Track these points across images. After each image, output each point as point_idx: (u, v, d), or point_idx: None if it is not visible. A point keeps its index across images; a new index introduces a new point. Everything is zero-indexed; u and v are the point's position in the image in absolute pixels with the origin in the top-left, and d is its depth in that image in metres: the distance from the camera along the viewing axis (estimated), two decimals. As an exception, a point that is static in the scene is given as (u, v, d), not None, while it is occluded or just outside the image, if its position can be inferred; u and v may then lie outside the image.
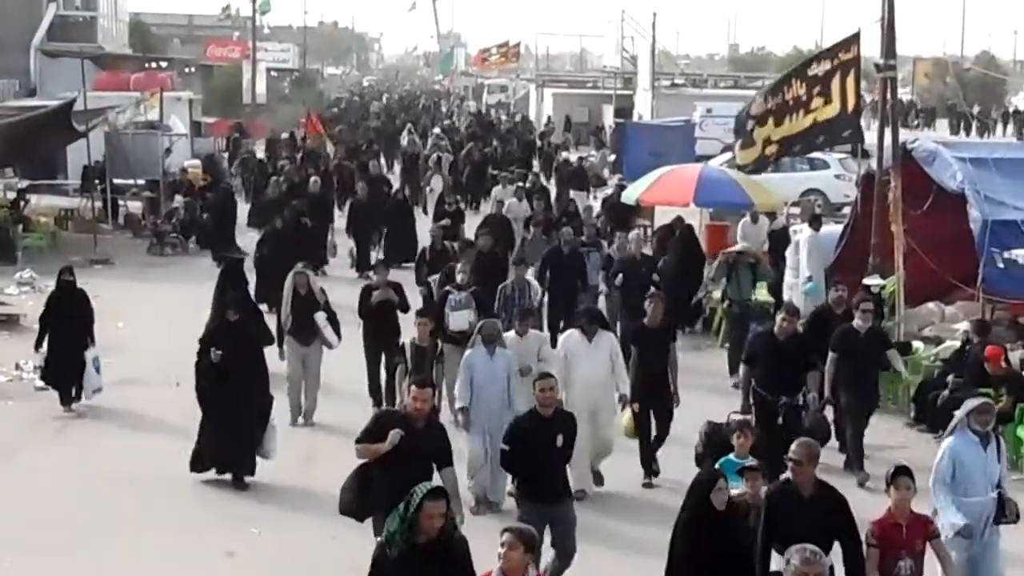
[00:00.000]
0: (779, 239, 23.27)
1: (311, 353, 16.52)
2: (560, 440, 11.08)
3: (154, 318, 22.58)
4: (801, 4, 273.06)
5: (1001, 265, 17.25)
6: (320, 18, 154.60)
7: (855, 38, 19.37)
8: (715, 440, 12.14)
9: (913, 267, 18.29)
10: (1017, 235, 17.20)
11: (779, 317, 14.17)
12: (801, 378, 13.87)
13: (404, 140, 45.27)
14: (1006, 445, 15.10)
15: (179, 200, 31.03)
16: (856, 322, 14.86)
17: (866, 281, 18.11)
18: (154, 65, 50.59)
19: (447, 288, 16.92)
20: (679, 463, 13.26)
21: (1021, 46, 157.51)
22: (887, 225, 18.42)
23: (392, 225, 27.22)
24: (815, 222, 22.40)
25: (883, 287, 18.71)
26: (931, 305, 19.52)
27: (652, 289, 16.80)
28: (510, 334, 14.27)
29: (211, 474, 14.14)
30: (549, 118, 62.26)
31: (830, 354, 14.56)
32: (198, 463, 14.04)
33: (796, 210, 27.37)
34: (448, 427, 11.28)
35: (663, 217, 25.53)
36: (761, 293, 20.78)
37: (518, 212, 27.08)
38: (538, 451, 10.95)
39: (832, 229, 22.76)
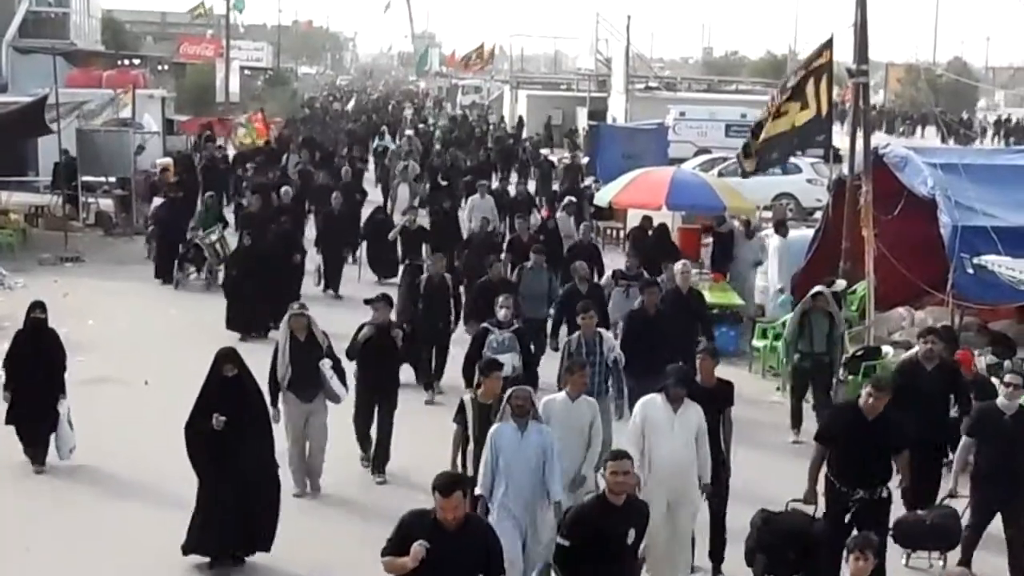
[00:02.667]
0: (725, 242, 23.35)
1: (315, 412, 13.61)
2: (631, 536, 9.26)
3: (124, 316, 22.52)
4: (775, 9, 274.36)
5: (970, 271, 17.31)
6: (295, 17, 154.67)
7: (828, 43, 19.44)
8: (768, 535, 10.96)
9: (883, 272, 18.38)
10: (987, 241, 17.27)
11: (865, 391, 11.22)
12: (883, 468, 11.25)
13: (375, 143, 44.65)
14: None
15: (158, 203, 29.20)
16: (1001, 400, 12.19)
17: (818, 287, 16.78)
18: (127, 62, 50.47)
19: (485, 325, 14.48)
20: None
21: (993, 53, 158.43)
22: (858, 230, 18.50)
23: (374, 242, 25.18)
24: (781, 228, 22.51)
25: (847, 290, 18.78)
26: (901, 310, 19.61)
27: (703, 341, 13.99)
28: (559, 395, 11.76)
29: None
30: (520, 118, 62.34)
31: (964, 439, 12.25)
32: (194, 545, 11.83)
33: (768, 214, 27.48)
34: None
35: (635, 220, 25.56)
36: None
37: (485, 210, 26.33)
38: (604, 548, 9.10)
39: (803, 234, 22.88)
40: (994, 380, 14.47)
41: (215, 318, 21.15)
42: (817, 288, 16.67)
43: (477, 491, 10.63)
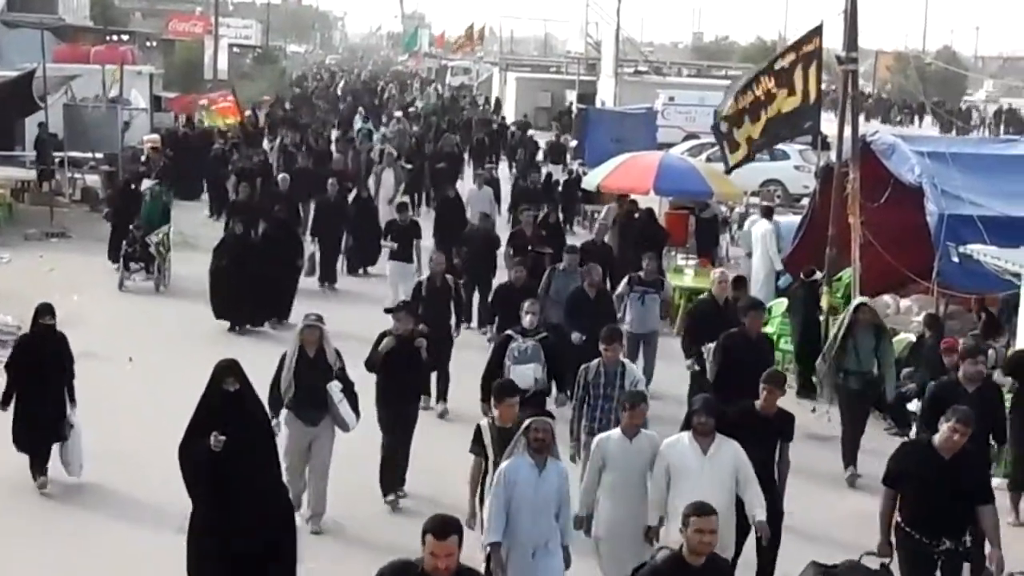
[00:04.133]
0: (708, 227, 23.35)
1: (319, 437, 12.06)
2: None
3: (110, 291, 22.51)
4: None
5: (956, 259, 17.36)
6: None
7: (817, 30, 19.42)
8: None
9: (869, 259, 18.39)
10: (973, 230, 17.31)
11: (946, 426, 9.66)
12: (966, 513, 9.68)
13: (358, 126, 43.79)
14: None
15: (148, 184, 27.39)
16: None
17: (861, 299, 15.71)
18: (115, 38, 50.25)
19: (508, 333, 13.18)
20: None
21: (982, 42, 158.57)
22: (845, 217, 18.50)
23: (357, 227, 23.92)
24: (768, 213, 22.56)
25: (832, 277, 18.82)
26: (886, 297, 19.65)
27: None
28: (613, 433, 10.25)
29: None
30: (498, 100, 62.22)
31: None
32: None
33: (755, 200, 27.52)
34: None
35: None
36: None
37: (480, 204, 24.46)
38: None
39: (791, 220, 22.92)
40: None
41: (201, 291, 20.89)
42: (860, 299, 15.40)
43: (491, 538, 9.22)
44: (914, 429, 13.74)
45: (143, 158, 31.47)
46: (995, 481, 13.53)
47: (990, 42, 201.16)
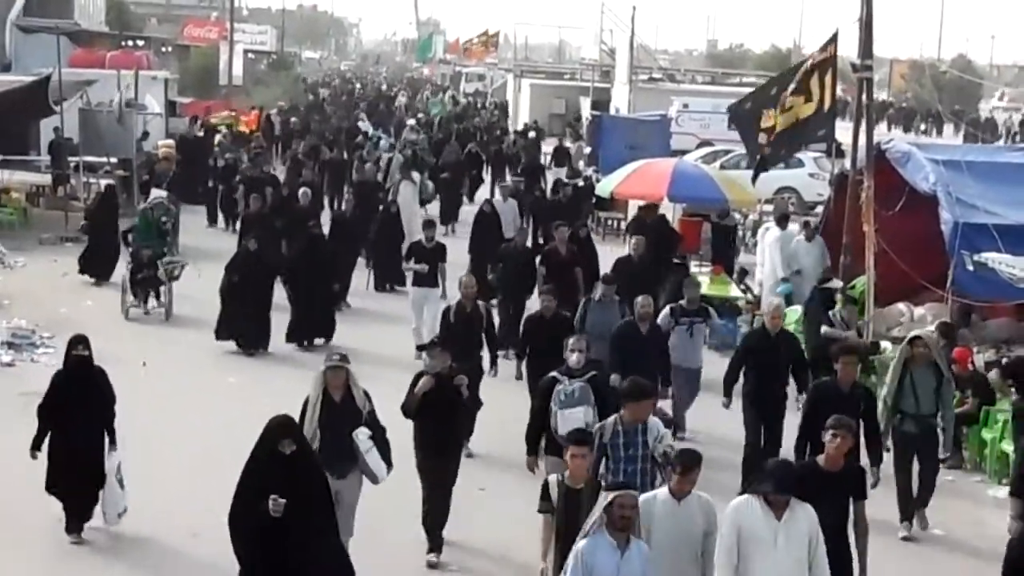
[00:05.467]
0: (725, 235, 23.23)
1: (345, 489, 10.75)
2: None
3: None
4: (780, 3, 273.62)
5: (970, 267, 17.35)
6: (299, 1, 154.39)
7: (833, 39, 19.42)
8: None
9: (883, 267, 18.37)
10: (987, 238, 17.30)
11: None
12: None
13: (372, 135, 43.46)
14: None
15: (156, 194, 26.37)
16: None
17: (915, 332, 14.09)
18: (130, 43, 50.32)
19: (553, 375, 11.86)
20: None
21: (997, 50, 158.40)
22: (859, 225, 18.49)
23: (380, 243, 23.05)
24: (783, 221, 22.52)
25: (847, 287, 18.78)
26: (900, 306, 19.61)
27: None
28: (660, 493, 8.99)
29: None
30: (504, 105, 62.06)
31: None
32: None
33: (770, 208, 27.48)
34: None
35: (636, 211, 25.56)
36: None
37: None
38: None
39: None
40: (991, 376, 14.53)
41: (214, 297, 19.94)
42: (915, 332, 13.82)
43: None
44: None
45: (147, 169, 30.51)
46: (1003, 491, 13.61)
47: (1005, 50, 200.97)
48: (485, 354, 14.75)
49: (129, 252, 21.52)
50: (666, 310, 15.89)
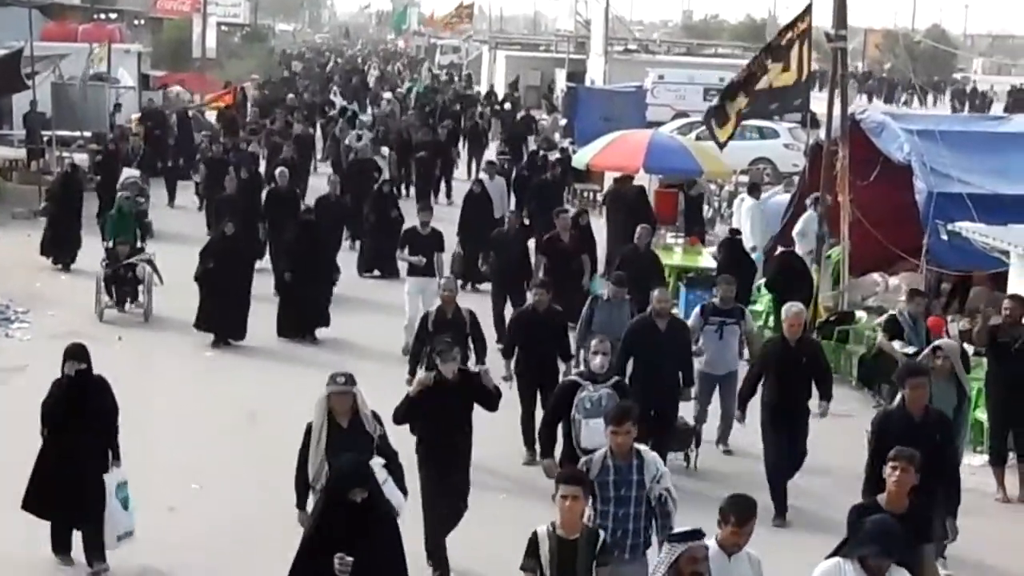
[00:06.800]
0: (695, 206, 23.21)
1: None
2: None
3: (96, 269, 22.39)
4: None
5: (945, 237, 17.39)
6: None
7: (808, 9, 19.43)
8: None
9: (858, 237, 18.43)
10: (962, 208, 17.34)
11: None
12: None
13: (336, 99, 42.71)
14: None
15: (127, 173, 26.08)
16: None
17: (938, 341, 12.95)
18: (103, 16, 50.02)
19: (574, 379, 10.86)
20: None
21: (971, 20, 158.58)
22: (834, 195, 18.54)
23: (375, 224, 21.97)
24: (754, 191, 22.57)
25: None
26: (875, 275, 19.67)
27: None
28: (708, 544, 7.21)
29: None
30: (469, 75, 62.02)
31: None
32: None
33: (744, 178, 27.52)
34: None
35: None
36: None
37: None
38: None
39: (779, 199, 22.93)
40: (967, 347, 14.58)
41: (192, 266, 18.68)
42: (937, 342, 12.68)
43: None
44: None
45: (110, 145, 28.27)
46: (978, 459, 13.66)
47: (979, 20, 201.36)
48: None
49: (104, 248, 20.03)
50: (696, 309, 14.59)
